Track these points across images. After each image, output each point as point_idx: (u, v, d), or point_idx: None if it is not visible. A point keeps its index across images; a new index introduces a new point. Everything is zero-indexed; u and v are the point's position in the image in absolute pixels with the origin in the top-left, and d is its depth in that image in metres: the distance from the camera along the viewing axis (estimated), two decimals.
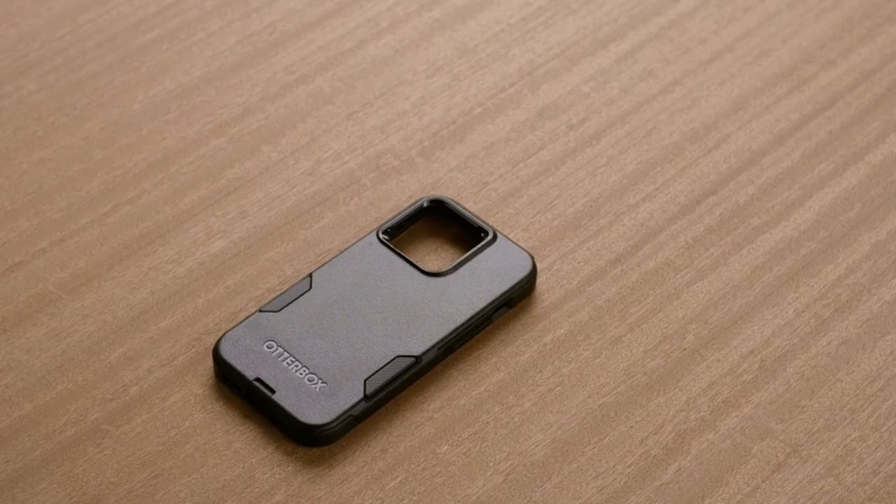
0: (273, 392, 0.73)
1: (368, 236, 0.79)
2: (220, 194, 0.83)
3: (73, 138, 0.86)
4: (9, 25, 0.92)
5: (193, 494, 0.71)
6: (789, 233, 0.82)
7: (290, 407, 0.72)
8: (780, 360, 0.76)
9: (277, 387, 0.73)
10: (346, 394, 0.72)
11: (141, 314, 0.78)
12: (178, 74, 0.89)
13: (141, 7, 0.93)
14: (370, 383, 0.73)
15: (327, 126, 0.87)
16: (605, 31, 0.93)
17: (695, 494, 0.71)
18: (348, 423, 0.72)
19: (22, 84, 0.88)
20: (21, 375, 0.75)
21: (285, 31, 0.92)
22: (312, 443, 0.72)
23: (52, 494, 0.70)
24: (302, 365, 0.74)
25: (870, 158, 0.86)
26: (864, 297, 0.79)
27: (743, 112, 0.88)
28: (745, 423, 0.73)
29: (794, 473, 0.72)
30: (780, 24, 0.93)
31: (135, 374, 0.75)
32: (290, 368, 0.73)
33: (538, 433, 0.73)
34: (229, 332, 0.75)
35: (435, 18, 0.93)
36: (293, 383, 0.73)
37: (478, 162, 0.85)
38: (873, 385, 0.75)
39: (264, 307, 0.76)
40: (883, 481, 0.71)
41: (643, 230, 0.82)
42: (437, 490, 0.71)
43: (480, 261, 0.78)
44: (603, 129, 0.87)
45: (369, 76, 0.90)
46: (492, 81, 0.89)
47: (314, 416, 0.72)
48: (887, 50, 0.91)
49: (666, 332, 0.77)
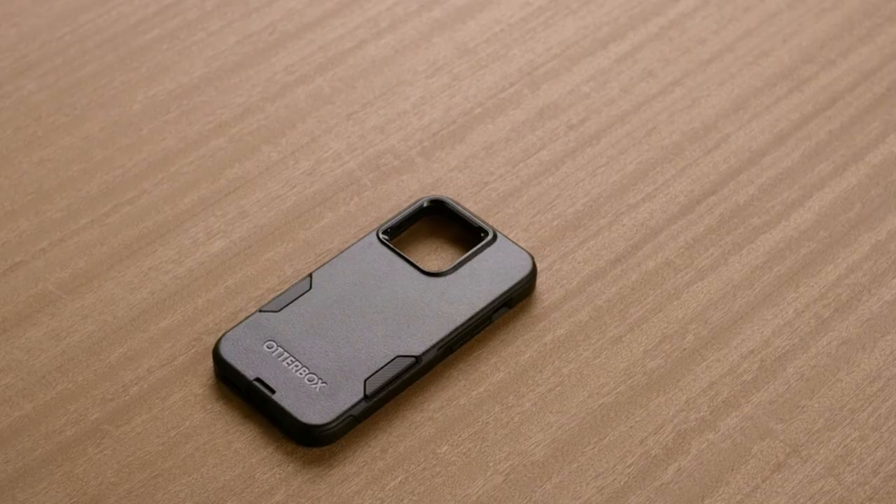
0: (273, 392, 0.73)
1: (368, 236, 0.79)
2: (220, 194, 0.83)
3: (73, 138, 0.86)
4: (9, 25, 0.92)
5: (193, 494, 0.71)
6: (789, 233, 0.82)
7: (290, 407, 0.72)
8: (780, 360, 0.76)
9: (277, 387, 0.73)
10: (346, 394, 0.72)
11: (141, 314, 0.78)
12: (178, 74, 0.89)
13: (141, 7, 0.93)
14: (370, 383, 0.73)
15: (327, 126, 0.87)
16: (605, 31, 0.93)
17: (695, 494, 0.71)
18: (348, 423, 0.72)
19: (22, 84, 0.88)
20: (21, 375, 0.75)
21: (285, 31, 0.92)
22: (312, 443, 0.72)
23: (52, 494, 0.70)
24: (302, 365, 0.74)
25: (870, 158, 0.86)
26: (864, 297, 0.79)
27: (743, 112, 0.88)
28: (745, 423, 0.73)
29: (794, 473, 0.72)
30: (780, 24, 0.93)
31: (135, 374, 0.75)
32: (290, 368, 0.73)
33: (538, 433, 0.73)
34: (229, 332, 0.75)
35: (435, 18, 0.93)
36: (293, 383, 0.73)
37: (478, 162, 0.85)
38: (873, 385, 0.75)
39: (264, 307, 0.76)
40: (883, 481, 0.71)
41: (643, 230, 0.82)
42: (437, 490, 0.71)
43: (480, 261, 0.78)
44: (603, 129, 0.87)
45: (369, 76, 0.90)
46: (492, 81, 0.89)
47: (314, 416, 0.72)
48: (887, 50, 0.91)
49: (666, 332, 0.77)
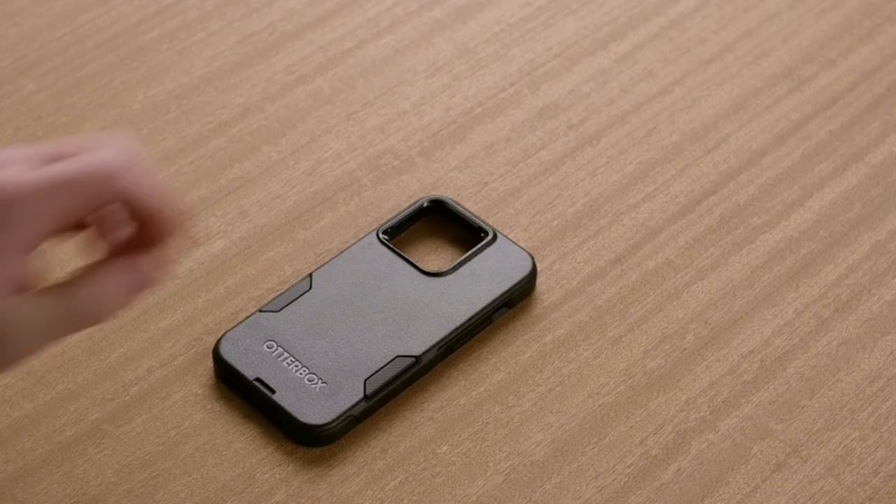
0: (273, 392, 0.73)
1: (368, 236, 0.79)
2: (220, 194, 0.83)
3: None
4: (9, 25, 0.92)
5: (193, 494, 0.71)
6: (789, 233, 0.82)
7: (290, 407, 0.72)
8: (780, 360, 0.76)
9: (277, 387, 0.73)
10: (346, 394, 0.72)
11: (141, 314, 0.78)
12: (178, 74, 0.89)
13: (141, 7, 0.93)
14: (370, 383, 0.73)
15: (327, 126, 0.87)
16: (605, 31, 0.93)
17: (695, 494, 0.71)
18: (348, 423, 0.72)
19: (22, 84, 0.88)
20: (21, 375, 0.75)
21: (285, 31, 0.92)
22: (312, 443, 0.72)
23: (52, 494, 0.70)
24: (302, 365, 0.74)
25: (870, 158, 0.86)
26: (864, 297, 0.79)
27: (743, 112, 0.88)
28: (745, 423, 0.73)
29: (794, 473, 0.72)
30: (780, 24, 0.93)
31: (135, 374, 0.75)
32: (290, 368, 0.73)
33: (538, 433, 0.73)
34: (229, 332, 0.75)
35: (435, 18, 0.93)
36: (293, 383, 0.73)
37: (478, 162, 0.85)
38: (873, 385, 0.75)
39: (264, 307, 0.76)
40: (883, 481, 0.71)
41: (643, 230, 0.82)
42: (437, 490, 0.71)
43: (480, 261, 0.78)
44: (603, 129, 0.87)
45: (369, 76, 0.90)
46: (492, 81, 0.89)
47: (314, 416, 0.72)
48: (887, 50, 0.91)
49: (666, 332, 0.77)
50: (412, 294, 0.77)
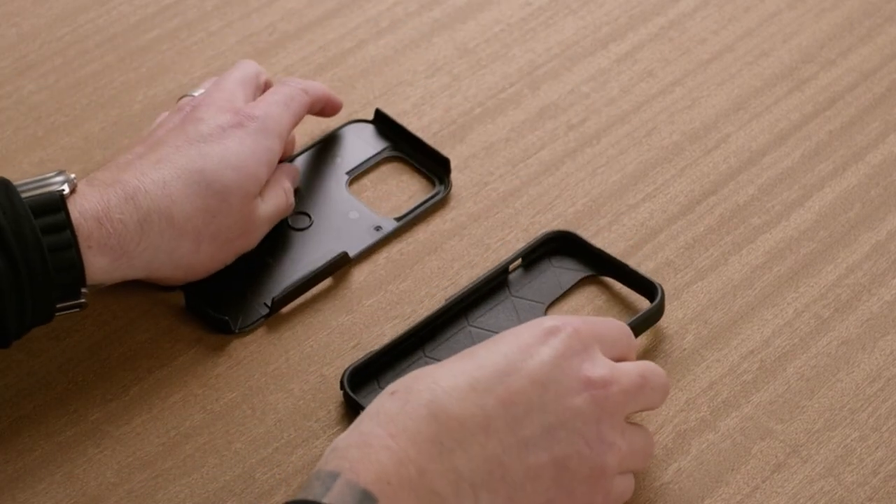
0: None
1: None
2: None
3: (73, 138, 0.86)
4: (9, 25, 0.92)
5: (193, 494, 0.71)
6: (789, 233, 0.82)
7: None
8: (780, 360, 0.76)
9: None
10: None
11: (141, 314, 0.78)
12: (178, 74, 0.89)
13: (141, 7, 0.93)
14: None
15: (327, 126, 0.87)
16: (605, 31, 0.93)
17: (695, 494, 0.71)
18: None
19: (22, 84, 0.88)
20: (21, 375, 0.75)
21: (285, 31, 0.92)
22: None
23: (52, 494, 0.70)
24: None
25: (870, 158, 0.86)
26: (864, 297, 0.79)
27: (743, 112, 0.88)
28: (745, 423, 0.73)
29: (794, 473, 0.72)
30: (780, 24, 0.93)
31: (135, 374, 0.75)
32: None
33: None
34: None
35: (435, 18, 0.93)
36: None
37: (478, 162, 0.85)
38: (873, 385, 0.75)
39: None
40: (883, 481, 0.71)
41: (643, 230, 0.82)
42: None
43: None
44: (603, 129, 0.87)
45: (369, 76, 0.90)
46: (492, 81, 0.89)
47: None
48: (887, 50, 0.91)
49: (666, 332, 0.77)
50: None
